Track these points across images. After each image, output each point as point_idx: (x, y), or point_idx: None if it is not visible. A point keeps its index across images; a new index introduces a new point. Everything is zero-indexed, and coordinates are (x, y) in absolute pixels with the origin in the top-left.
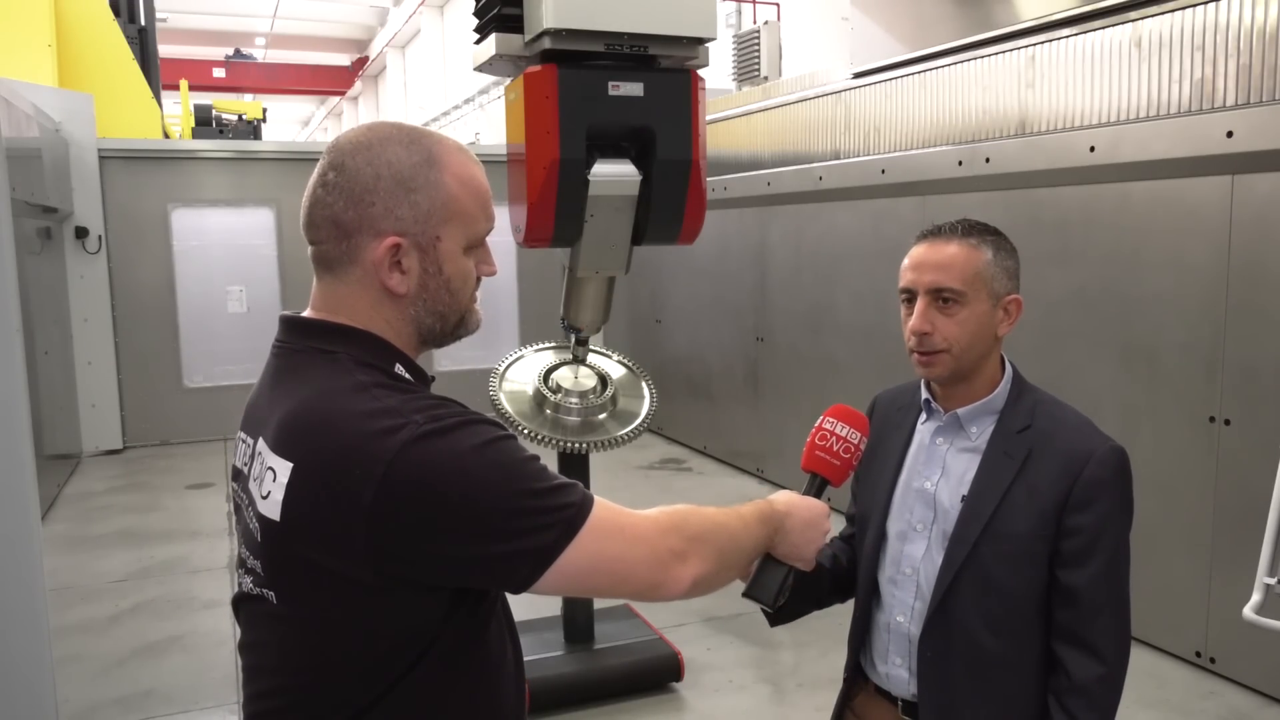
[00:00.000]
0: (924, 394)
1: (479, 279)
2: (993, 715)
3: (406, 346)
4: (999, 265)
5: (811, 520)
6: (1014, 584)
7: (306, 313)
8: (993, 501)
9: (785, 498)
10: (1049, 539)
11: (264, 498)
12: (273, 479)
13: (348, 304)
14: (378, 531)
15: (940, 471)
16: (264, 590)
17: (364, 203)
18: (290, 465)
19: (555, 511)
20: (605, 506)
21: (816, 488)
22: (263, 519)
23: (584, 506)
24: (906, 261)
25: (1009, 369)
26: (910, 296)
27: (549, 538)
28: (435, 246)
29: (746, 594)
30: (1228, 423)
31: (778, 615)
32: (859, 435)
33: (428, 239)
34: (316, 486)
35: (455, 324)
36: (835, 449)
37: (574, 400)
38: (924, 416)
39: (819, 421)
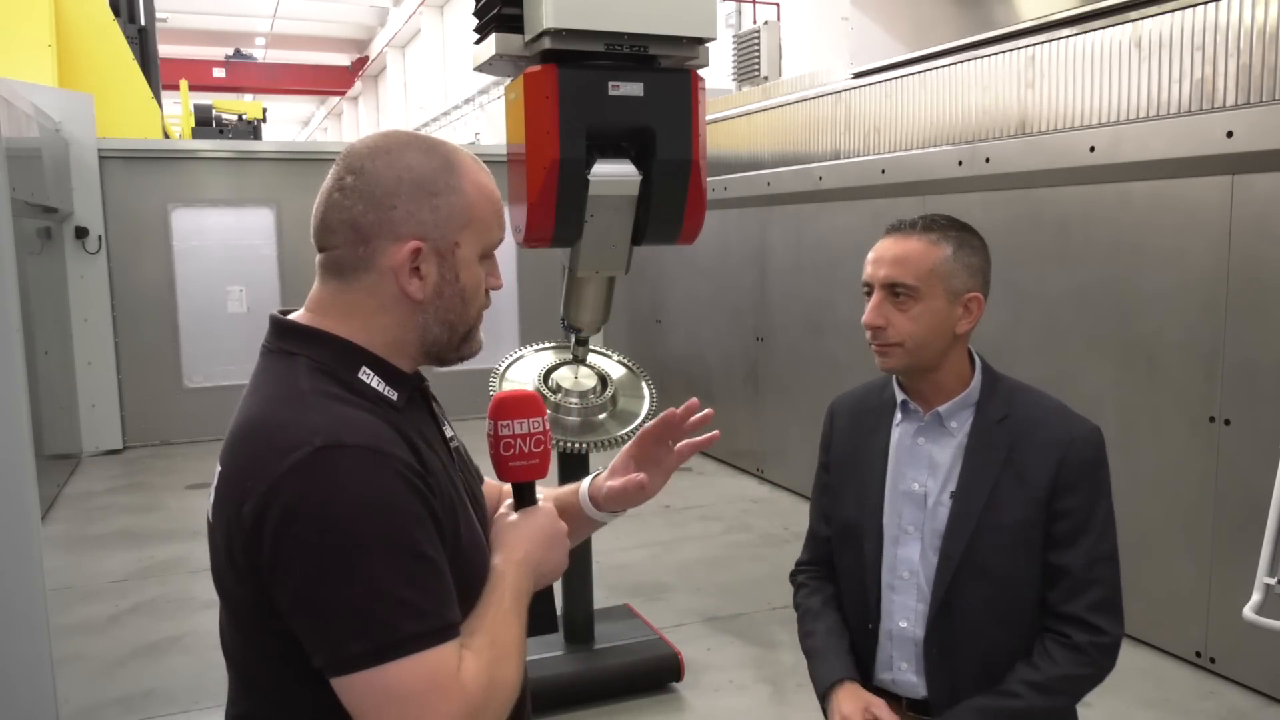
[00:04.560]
0: (899, 395)
1: (488, 292)
2: None
3: (401, 355)
4: (959, 262)
5: (548, 539)
6: (1012, 572)
7: (295, 313)
8: (982, 494)
9: (510, 552)
10: (1041, 524)
11: (210, 503)
12: (213, 485)
13: (345, 308)
14: (249, 549)
15: (926, 471)
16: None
17: (385, 205)
18: (218, 471)
19: (386, 624)
20: (444, 661)
21: (527, 493)
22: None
23: (422, 641)
24: (869, 255)
25: (979, 362)
26: (870, 290)
27: (358, 647)
28: (453, 253)
29: (531, 635)
30: (1228, 423)
31: None
32: (540, 420)
33: (447, 245)
34: (226, 496)
35: (461, 337)
36: (526, 450)
37: (574, 400)
38: (899, 417)
39: (488, 429)
